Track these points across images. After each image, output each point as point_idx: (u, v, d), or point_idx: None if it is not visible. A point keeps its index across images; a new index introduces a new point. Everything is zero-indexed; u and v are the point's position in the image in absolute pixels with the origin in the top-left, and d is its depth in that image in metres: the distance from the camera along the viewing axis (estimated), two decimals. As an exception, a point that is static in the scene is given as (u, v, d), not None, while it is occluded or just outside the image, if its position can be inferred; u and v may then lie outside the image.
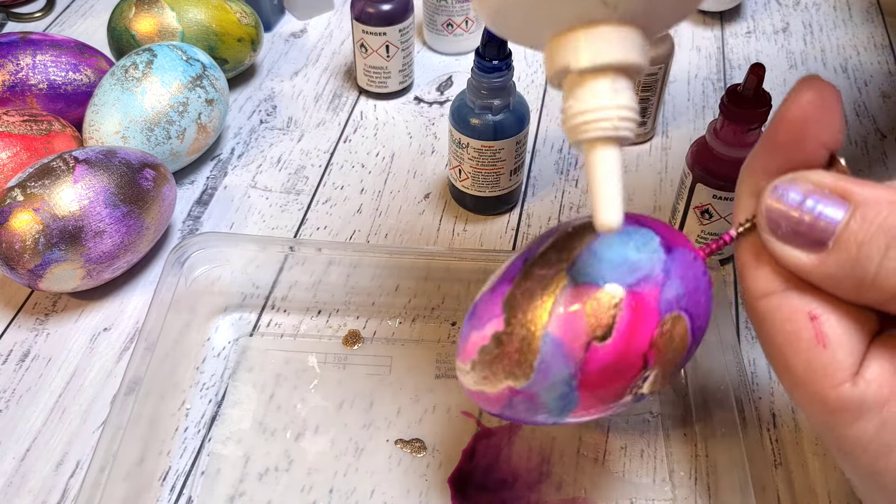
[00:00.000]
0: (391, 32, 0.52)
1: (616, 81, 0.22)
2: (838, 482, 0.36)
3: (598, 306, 0.25)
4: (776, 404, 0.39)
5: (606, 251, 0.25)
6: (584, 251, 0.25)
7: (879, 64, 0.60)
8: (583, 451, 0.37)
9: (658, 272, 0.25)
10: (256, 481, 0.36)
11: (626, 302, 0.25)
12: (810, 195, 0.24)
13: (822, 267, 0.23)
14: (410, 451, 0.37)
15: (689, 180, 0.42)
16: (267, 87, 0.58)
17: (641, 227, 0.26)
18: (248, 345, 0.41)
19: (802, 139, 0.24)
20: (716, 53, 0.61)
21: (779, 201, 0.24)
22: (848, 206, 0.23)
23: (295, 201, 0.49)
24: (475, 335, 0.27)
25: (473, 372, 0.27)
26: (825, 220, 0.23)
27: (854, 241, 0.23)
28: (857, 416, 0.23)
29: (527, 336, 0.25)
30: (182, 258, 0.40)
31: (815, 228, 0.23)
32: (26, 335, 0.42)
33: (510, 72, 0.42)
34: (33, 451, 0.37)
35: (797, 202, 0.24)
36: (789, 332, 0.24)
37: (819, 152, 0.24)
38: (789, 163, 0.25)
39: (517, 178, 0.47)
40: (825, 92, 0.24)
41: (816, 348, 0.23)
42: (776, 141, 0.25)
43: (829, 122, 0.24)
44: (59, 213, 0.39)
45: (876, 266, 0.22)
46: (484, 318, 0.26)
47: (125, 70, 0.46)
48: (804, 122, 0.24)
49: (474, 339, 0.27)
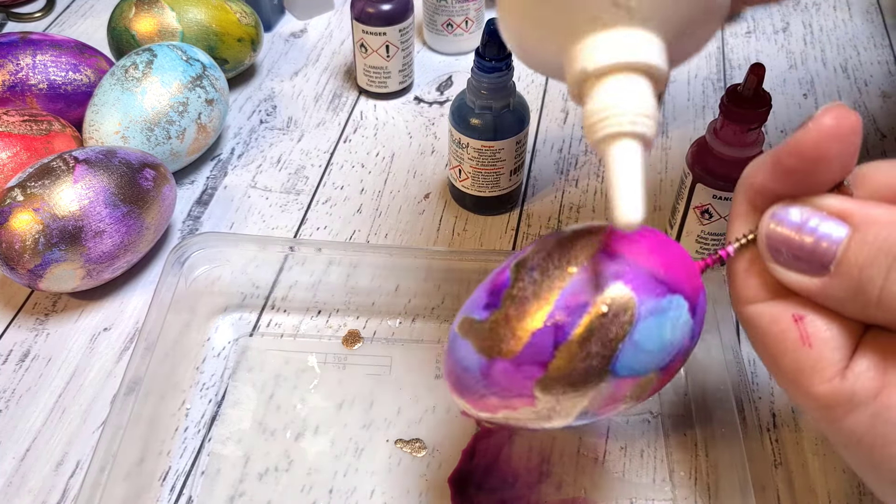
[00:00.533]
0: (391, 32, 0.52)
1: (632, 81, 0.22)
2: (838, 482, 0.36)
3: (636, 387, 0.25)
4: (776, 404, 0.39)
5: (648, 342, 0.25)
6: (626, 342, 0.24)
7: (879, 64, 0.60)
8: (583, 451, 0.37)
9: (688, 342, 0.26)
10: (256, 481, 0.36)
11: (661, 379, 0.26)
12: (810, 218, 0.24)
13: (827, 290, 0.23)
14: (410, 451, 0.37)
15: (689, 180, 0.42)
16: (267, 87, 0.58)
17: (672, 297, 0.25)
18: (248, 345, 0.41)
19: (812, 173, 0.24)
20: (716, 53, 0.61)
21: (779, 226, 0.24)
22: (848, 228, 0.23)
23: (295, 201, 0.49)
24: (496, 401, 0.26)
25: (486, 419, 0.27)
26: (826, 243, 0.23)
27: (855, 264, 0.23)
28: (849, 409, 0.23)
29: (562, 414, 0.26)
30: (182, 258, 0.40)
31: (817, 253, 0.23)
32: (26, 335, 0.42)
33: (510, 72, 0.42)
34: (33, 451, 0.37)
35: (797, 226, 0.24)
36: (776, 333, 0.24)
37: (826, 185, 0.24)
38: (794, 189, 0.24)
39: (517, 178, 0.47)
40: (846, 123, 0.23)
41: (802, 348, 0.24)
42: (784, 166, 0.24)
43: (844, 158, 0.24)
44: (59, 213, 0.39)
45: (879, 289, 0.22)
46: (508, 391, 0.25)
47: (125, 70, 0.46)
48: (818, 158, 0.23)
49: (495, 403, 0.26)
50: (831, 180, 0.24)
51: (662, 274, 0.25)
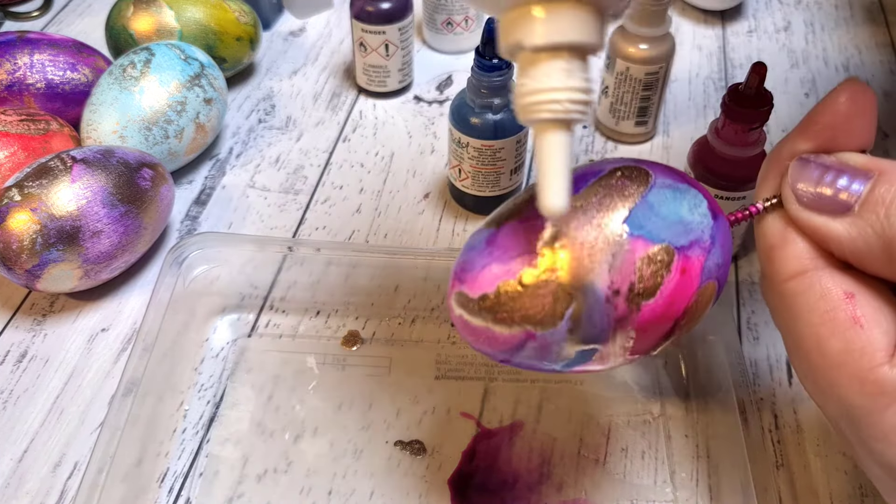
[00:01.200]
0: (390, 31, 0.52)
1: (570, 62, 0.22)
2: (840, 483, 0.36)
3: (649, 263, 0.24)
4: (778, 405, 0.39)
5: (662, 207, 0.24)
6: (640, 202, 0.24)
7: (881, 63, 0.60)
8: (583, 453, 0.37)
9: (706, 238, 0.25)
10: (255, 483, 0.36)
11: (675, 265, 0.24)
12: (834, 165, 0.24)
13: (851, 230, 0.23)
14: (410, 452, 0.37)
15: (690, 180, 0.41)
16: (265, 87, 0.57)
17: (690, 188, 0.25)
18: (247, 346, 0.41)
19: (838, 134, 0.24)
20: (717, 52, 0.61)
21: (804, 167, 0.24)
22: (872, 174, 0.23)
23: (294, 201, 0.49)
24: (496, 268, 0.24)
25: (483, 308, 0.25)
26: (850, 189, 0.23)
27: (881, 202, 0.23)
28: (893, 398, 0.22)
29: (567, 283, 0.23)
30: (180, 258, 0.40)
31: (841, 192, 0.23)
32: (24, 336, 0.42)
33: (510, 70, 0.42)
34: (31, 452, 0.37)
35: (822, 167, 0.24)
36: (824, 311, 0.23)
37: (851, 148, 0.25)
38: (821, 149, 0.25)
39: (517, 177, 0.47)
40: (864, 93, 0.24)
41: (854, 328, 0.23)
42: (815, 125, 0.25)
43: (865, 121, 0.24)
44: (57, 212, 0.39)
45: None
46: (511, 251, 0.24)
47: (123, 69, 0.46)
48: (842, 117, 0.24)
49: (495, 271, 0.24)
50: (855, 142, 0.25)
51: (684, 176, 0.26)
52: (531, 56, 0.22)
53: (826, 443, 0.38)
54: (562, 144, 0.22)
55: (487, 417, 0.38)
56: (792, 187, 0.25)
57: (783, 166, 0.25)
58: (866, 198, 0.23)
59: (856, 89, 0.24)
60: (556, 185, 0.22)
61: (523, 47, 0.22)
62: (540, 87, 0.22)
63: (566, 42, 0.22)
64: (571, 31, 0.21)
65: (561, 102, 0.22)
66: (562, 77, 0.22)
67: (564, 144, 0.22)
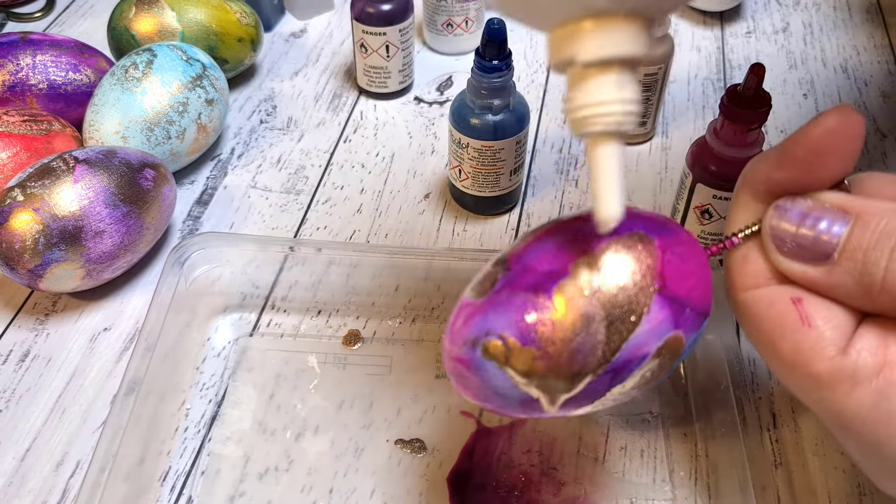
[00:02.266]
0: (391, 32, 0.52)
1: (621, 75, 0.22)
2: (838, 482, 0.36)
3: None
4: (776, 404, 0.39)
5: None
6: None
7: (879, 64, 0.60)
8: (583, 451, 0.37)
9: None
10: (256, 481, 0.36)
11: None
12: (813, 209, 0.24)
13: (831, 278, 0.24)
14: (410, 451, 0.37)
15: (689, 180, 0.42)
16: (267, 87, 0.58)
17: (705, 320, 0.26)
18: (248, 345, 0.41)
19: (817, 164, 0.24)
20: (716, 53, 0.61)
21: (783, 217, 0.25)
22: (849, 218, 0.23)
23: (295, 201, 0.49)
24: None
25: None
26: (828, 234, 0.24)
27: (859, 248, 0.23)
28: (851, 385, 0.23)
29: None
30: (182, 258, 0.40)
31: (820, 242, 0.24)
32: (26, 335, 0.42)
33: (510, 72, 0.42)
34: (33, 451, 0.37)
35: (800, 217, 0.24)
36: (773, 317, 0.24)
37: (829, 179, 0.25)
38: (796, 179, 0.25)
39: (517, 178, 0.47)
40: (852, 121, 0.24)
41: (802, 329, 0.24)
42: (791, 156, 0.25)
43: (846, 156, 0.24)
44: (59, 213, 0.39)
45: (883, 270, 0.22)
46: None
47: (125, 70, 0.46)
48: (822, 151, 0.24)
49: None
50: (832, 177, 0.25)
51: (703, 306, 0.26)
52: (582, 70, 0.22)
53: (824, 442, 0.38)
54: (615, 155, 0.23)
55: (487, 416, 0.38)
56: (772, 235, 0.25)
57: (756, 190, 0.26)
58: (844, 245, 0.23)
59: (840, 119, 0.24)
60: (611, 195, 0.23)
61: (575, 62, 0.22)
62: (593, 101, 0.22)
63: (617, 56, 0.22)
64: (622, 45, 0.22)
65: (614, 115, 0.22)
66: (613, 90, 0.22)
67: (617, 155, 0.23)
